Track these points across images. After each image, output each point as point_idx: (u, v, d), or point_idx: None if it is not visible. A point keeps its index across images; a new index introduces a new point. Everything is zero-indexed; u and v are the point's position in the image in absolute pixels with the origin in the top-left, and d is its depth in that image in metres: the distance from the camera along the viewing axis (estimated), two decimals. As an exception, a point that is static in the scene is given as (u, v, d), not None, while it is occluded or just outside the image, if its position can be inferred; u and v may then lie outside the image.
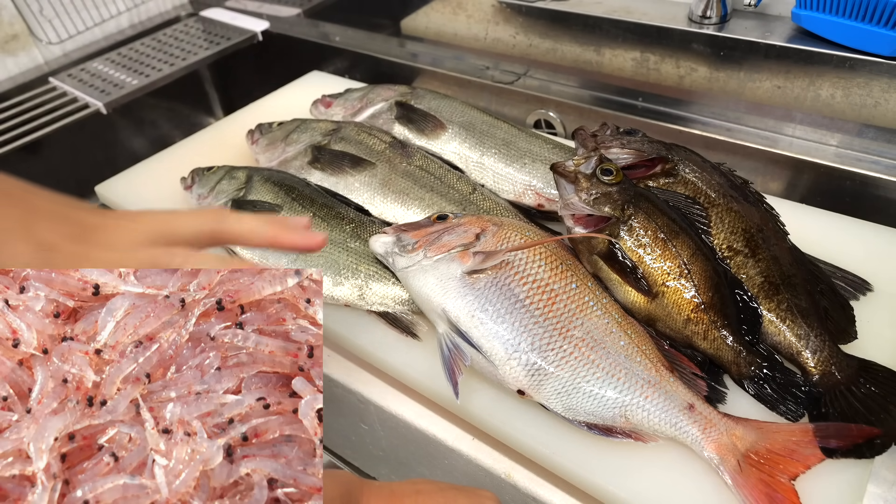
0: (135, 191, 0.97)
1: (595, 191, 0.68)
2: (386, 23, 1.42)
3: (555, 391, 0.60)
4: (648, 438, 0.60)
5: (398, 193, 0.83)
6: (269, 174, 0.86)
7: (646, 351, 0.62)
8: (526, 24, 1.19)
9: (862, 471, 0.56)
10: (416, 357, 0.70)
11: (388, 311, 0.73)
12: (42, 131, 1.21)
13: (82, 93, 1.28)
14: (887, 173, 0.87)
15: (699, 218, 0.70)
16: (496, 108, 1.21)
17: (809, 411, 0.61)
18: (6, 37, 1.33)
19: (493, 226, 0.68)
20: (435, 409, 0.71)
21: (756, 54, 0.97)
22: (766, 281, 0.67)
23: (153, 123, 1.54)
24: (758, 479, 0.54)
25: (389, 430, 0.76)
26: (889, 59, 0.87)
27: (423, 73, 1.28)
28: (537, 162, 0.86)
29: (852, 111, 0.94)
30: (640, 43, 1.07)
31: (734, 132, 0.99)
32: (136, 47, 1.43)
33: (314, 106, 1.06)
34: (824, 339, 0.63)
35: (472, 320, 0.62)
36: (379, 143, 0.89)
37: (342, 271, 0.74)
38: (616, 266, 0.65)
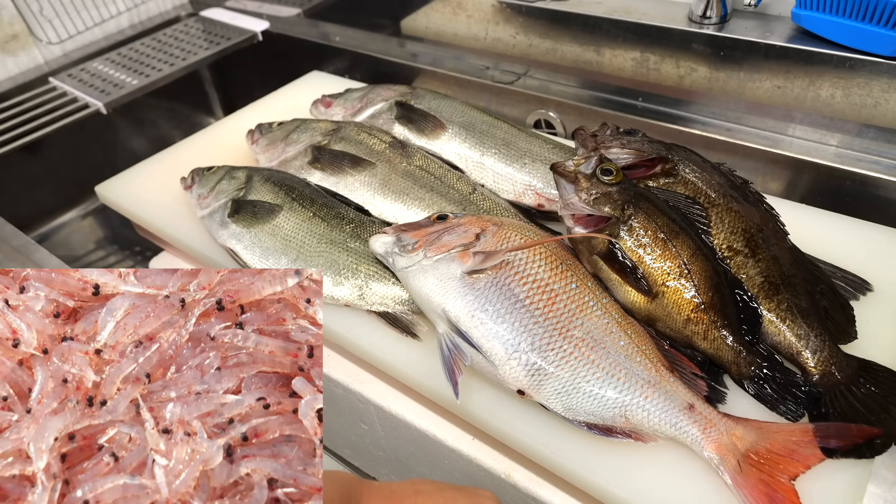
0: (135, 191, 0.97)
1: (595, 191, 0.67)
2: (386, 23, 1.42)
3: (555, 391, 0.60)
4: (648, 438, 0.59)
5: (398, 193, 0.83)
6: (269, 174, 0.86)
7: (646, 351, 0.62)
8: (526, 24, 1.19)
9: (862, 471, 0.56)
10: (416, 357, 0.70)
11: (388, 311, 0.73)
12: (42, 131, 1.21)
13: (82, 93, 1.28)
14: (887, 173, 0.87)
15: (699, 218, 0.70)
16: (496, 108, 1.21)
17: (809, 411, 0.61)
18: (6, 37, 1.33)
19: (493, 226, 0.68)
20: (435, 409, 0.71)
21: (756, 54, 0.97)
22: (766, 281, 0.67)
23: (153, 123, 1.54)
24: (758, 479, 0.54)
25: (389, 430, 0.76)
26: (889, 59, 0.87)
27: (423, 73, 1.28)
28: (537, 162, 0.86)
29: (852, 111, 0.94)
30: (640, 43, 1.07)
31: (734, 132, 0.99)
32: (136, 47, 1.44)
33: (314, 106, 1.06)
34: (824, 339, 0.63)
35: (472, 320, 0.62)
36: (379, 143, 0.89)
37: (342, 271, 0.74)
38: (616, 266, 0.65)
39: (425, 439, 0.71)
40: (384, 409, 0.73)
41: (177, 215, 0.91)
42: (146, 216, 0.92)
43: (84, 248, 1.42)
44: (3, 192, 1.28)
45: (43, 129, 1.21)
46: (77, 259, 1.40)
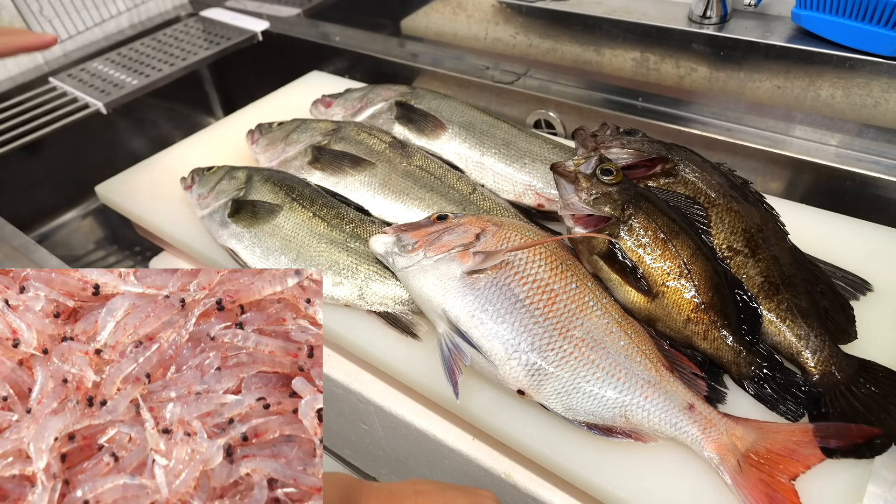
0: (135, 191, 0.97)
1: (595, 191, 0.67)
2: (386, 23, 1.42)
3: (555, 391, 0.60)
4: (648, 438, 0.59)
5: (398, 193, 0.83)
6: (269, 174, 0.86)
7: (646, 351, 0.62)
8: (526, 24, 1.19)
9: (862, 471, 0.56)
10: (416, 357, 0.70)
11: (388, 311, 0.73)
12: (42, 131, 1.21)
13: (82, 93, 1.28)
14: (887, 173, 0.87)
15: (699, 218, 0.70)
16: (496, 108, 1.21)
17: (809, 411, 0.61)
18: (6, 37, 1.33)
19: (493, 226, 0.68)
20: (435, 409, 0.71)
21: (756, 54, 0.97)
22: (766, 281, 0.67)
23: (153, 123, 1.54)
24: (758, 479, 0.54)
25: (389, 430, 0.76)
26: (889, 59, 0.87)
27: (423, 73, 1.28)
28: (537, 162, 0.86)
29: (852, 111, 0.94)
30: (640, 43, 1.07)
31: (734, 132, 0.99)
32: (136, 47, 1.43)
33: (314, 106, 1.06)
34: (824, 339, 0.63)
35: (472, 320, 0.62)
36: (379, 143, 0.89)
37: (342, 271, 0.74)
38: (616, 266, 0.65)
39: (425, 439, 0.71)
40: (384, 409, 0.73)
41: (177, 215, 0.91)
42: (146, 216, 0.92)
43: (84, 248, 1.42)
44: (3, 192, 1.28)
45: (43, 129, 1.21)
46: (77, 259, 1.40)
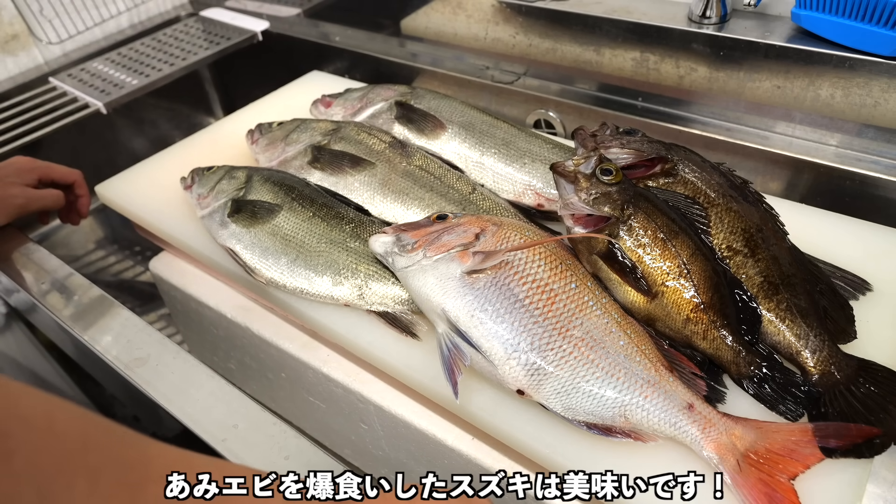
0: (135, 191, 0.97)
1: (595, 191, 0.67)
2: (386, 23, 1.42)
3: (554, 391, 0.60)
4: (648, 438, 0.59)
5: (398, 193, 0.83)
6: (269, 174, 0.86)
7: (645, 351, 0.62)
8: (526, 24, 1.19)
9: (862, 471, 0.56)
10: (416, 357, 0.69)
11: (387, 311, 0.73)
12: (42, 131, 1.21)
13: (82, 93, 1.28)
14: (887, 173, 0.87)
15: (699, 218, 0.70)
16: (496, 108, 1.21)
17: (809, 411, 0.61)
18: (6, 37, 1.33)
19: (493, 226, 0.68)
20: (435, 409, 0.71)
21: (756, 54, 0.97)
22: (766, 281, 0.67)
23: (153, 123, 1.54)
24: (757, 479, 0.54)
25: (389, 430, 0.76)
26: (889, 59, 0.87)
27: (423, 73, 1.28)
28: (537, 162, 0.86)
29: (852, 111, 0.94)
30: (639, 43, 1.07)
31: (734, 132, 0.99)
32: (136, 47, 1.43)
33: (314, 106, 1.06)
34: (824, 339, 0.63)
35: (472, 320, 0.62)
36: (379, 143, 0.89)
37: (342, 271, 0.74)
38: (616, 266, 0.65)
39: (425, 439, 0.71)
40: (384, 409, 0.73)
41: (177, 215, 0.91)
42: (146, 216, 0.92)
43: (84, 248, 1.42)
44: (3, 192, 1.28)
45: (43, 129, 1.21)
46: (77, 259, 1.40)
